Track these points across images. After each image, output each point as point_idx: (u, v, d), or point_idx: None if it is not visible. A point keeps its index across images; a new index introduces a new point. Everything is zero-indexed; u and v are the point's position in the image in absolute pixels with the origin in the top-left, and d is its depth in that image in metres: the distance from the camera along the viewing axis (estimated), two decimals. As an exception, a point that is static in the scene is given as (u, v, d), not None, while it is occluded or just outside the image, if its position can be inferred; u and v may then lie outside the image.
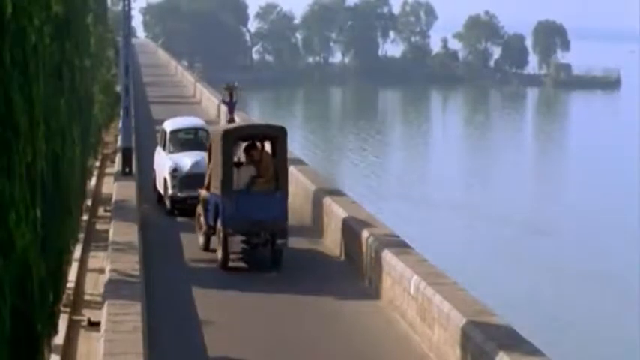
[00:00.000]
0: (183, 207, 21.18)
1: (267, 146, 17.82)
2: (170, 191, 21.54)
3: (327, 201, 19.48)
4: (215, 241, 17.44)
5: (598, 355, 28.11)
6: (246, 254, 17.23)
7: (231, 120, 31.09)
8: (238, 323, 14.36)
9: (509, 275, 36.06)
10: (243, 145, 17.96)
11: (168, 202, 21.70)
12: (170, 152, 22.32)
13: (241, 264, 17.33)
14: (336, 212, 18.64)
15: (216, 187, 17.14)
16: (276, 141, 17.35)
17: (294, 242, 18.35)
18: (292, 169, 23.39)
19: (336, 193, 20.58)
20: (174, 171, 21.52)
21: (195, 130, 23.26)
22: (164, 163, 22.14)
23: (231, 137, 17.07)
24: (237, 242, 16.83)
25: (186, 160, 21.71)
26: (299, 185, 22.14)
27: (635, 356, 27.53)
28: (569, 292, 34.32)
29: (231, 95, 32.20)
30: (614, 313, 31.75)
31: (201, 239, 18.25)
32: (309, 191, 21.16)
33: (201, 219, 18.15)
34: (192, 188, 19.98)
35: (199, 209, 18.23)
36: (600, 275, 36.11)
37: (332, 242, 18.73)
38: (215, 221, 17.22)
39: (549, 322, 29.62)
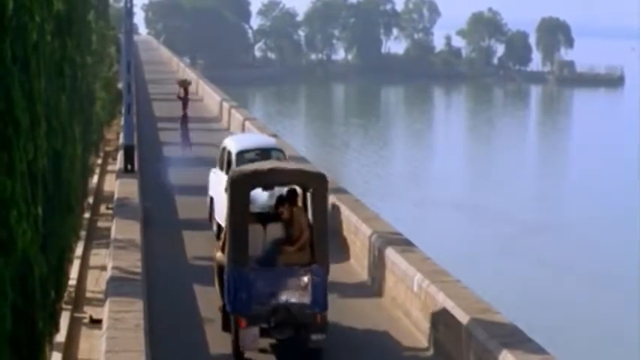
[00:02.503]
0: None
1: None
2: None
3: (331, 199, 19.43)
4: None
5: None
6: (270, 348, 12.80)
7: (184, 116, 30.83)
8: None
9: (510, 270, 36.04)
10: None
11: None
12: None
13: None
14: (338, 210, 18.61)
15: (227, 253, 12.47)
16: (313, 192, 12.45)
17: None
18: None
19: (339, 191, 20.53)
20: None
21: (267, 152, 18.45)
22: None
23: (245, 184, 12.26)
24: (252, 336, 12.09)
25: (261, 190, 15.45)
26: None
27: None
28: (567, 290, 34.34)
29: (186, 91, 32.04)
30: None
31: (220, 315, 13.54)
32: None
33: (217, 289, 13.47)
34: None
35: (215, 276, 13.56)
36: (599, 274, 36.08)
37: (334, 241, 18.68)
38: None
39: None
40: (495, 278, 32.99)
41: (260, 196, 15.26)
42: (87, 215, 24.17)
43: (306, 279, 12.11)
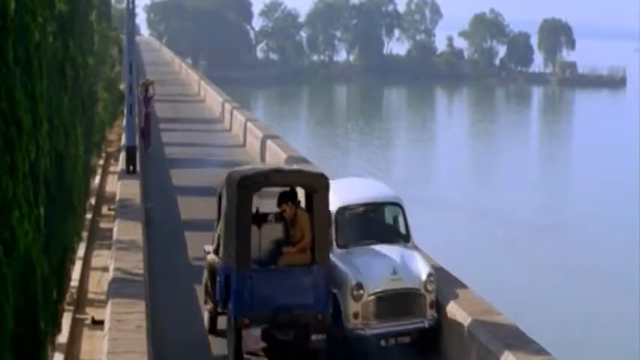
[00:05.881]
0: (372, 349, 12.76)
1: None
2: (347, 322, 12.66)
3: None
4: (225, 321, 12.85)
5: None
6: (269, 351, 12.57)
7: (147, 114, 30.78)
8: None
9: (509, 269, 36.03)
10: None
11: (341, 338, 12.79)
12: (340, 245, 13.06)
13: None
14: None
15: (228, 254, 12.29)
16: (314, 193, 12.34)
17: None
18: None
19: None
20: (358, 288, 12.55)
21: (380, 207, 13.80)
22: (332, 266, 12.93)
23: (249, 185, 12.08)
24: (255, 338, 11.98)
25: (378, 263, 12.78)
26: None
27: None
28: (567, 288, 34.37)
29: (146, 90, 32.07)
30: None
31: (206, 317, 13.80)
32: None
33: (208, 290, 13.53)
34: (392, 316, 12.61)
35: (206, 277, 13.54)
36: (597, 273, 36.11)
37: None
38: (226, 300, 12.40)
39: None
40: (502, 280, 33.00)
41: (376, 270, 12.71)
42: (89, 216, 24.20)
43: (307, 280, 12.04)
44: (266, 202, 12.87)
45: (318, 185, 12.33)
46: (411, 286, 12.55)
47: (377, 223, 13.52)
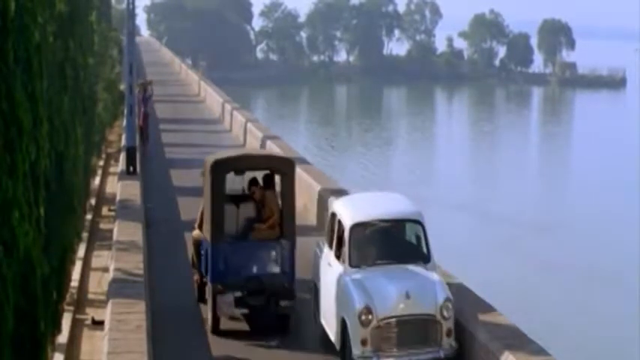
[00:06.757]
0: None
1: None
2: (355, 349, 11.60)
3: (332, 200, 19.43)
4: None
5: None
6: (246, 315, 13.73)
7: (144, 115, 31.14)
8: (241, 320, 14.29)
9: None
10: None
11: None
12: (352, 265, 12.16)
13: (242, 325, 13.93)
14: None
15: (207, 230, 13.80)
16: (282, 176, 13.79)
17: (299, 241, 18.25)
18: (297, 169, 23.35)
19: (340, 192, 20.52)
20: (367, 312, 11.54)
21: (400, 223, 12.73)
22: (339, 286, 12.19)
23: (222, 169, 13.57)
24: (228, 303, 13.26)
25: (390, 286, 11.71)
26: (303, 184, 22.08)
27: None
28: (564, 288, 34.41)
29: (145, 90, 32.32)
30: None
31: (196, 287, 14.95)
32: (314, 190, 21.12)
33: (194, 263, 14.97)
34: (404, 344, 11.61)
35: (192, 251, 15.04)
36: (595, 272, 36.14)
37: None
38: (207, 270, 13.88)
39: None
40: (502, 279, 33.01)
41: (386, 293, 11.67)
42: (89, 217, 24.19)
43: (275, 252, 13.44)
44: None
45: (285, 168, 13.82)
46: (425, 312, 11.56)
47: (394, 241, 12.55)
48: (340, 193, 20.28)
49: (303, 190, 21.75)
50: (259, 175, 14.45)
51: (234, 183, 14.47)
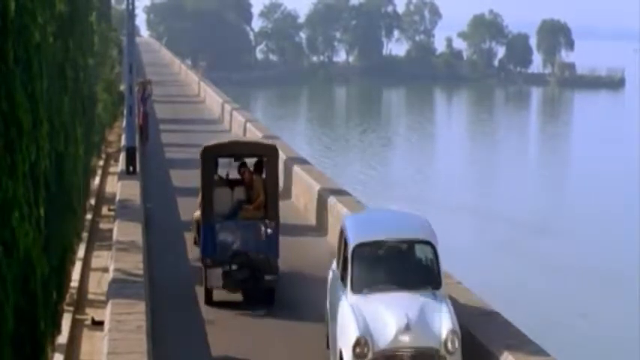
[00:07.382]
0: None
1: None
2: None
3: (332, 200, 19.44)
4: None
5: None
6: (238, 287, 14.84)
7: (144, 114, 31.33)
8: (242, 320, 14.30)
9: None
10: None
11: None
12: (354, 290, 11.10)
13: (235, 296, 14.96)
14: (340, 212, 18.58)
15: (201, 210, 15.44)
16: (266, 161, 15.25)
17: (299, 241, 18.26)
18: (297, 169, 23.38)
19: (340, 192, 20.52)
20: (363, 344, 10.47)
21: (409, 245, 11.64)
22: (340, 313, 11.16)
23: (211, 155, 15.19)
24: (216, 276, 14.51)
25: (389, 315, 10.61)
26: (303, 184, 22.09)
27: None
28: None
29: (144, 89, 32.56)
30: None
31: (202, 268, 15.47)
32: (314, 190, 21.12)
33: (196, 241, 16.58)
34: None
35: (194, 230, 16.67)
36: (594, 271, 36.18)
37: (336, 241, 18.66)
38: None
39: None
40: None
41: (384, 325, 10.54)
42: (89, 217, 24.19)
43: (260, 231, 14.72)
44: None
45: (269, 154, 15.16)
46: (427, 345, 10.43)
47: (401, 264, 11.42)
48: (340, 193, 20.30)
49: (303, 190, 21.77)
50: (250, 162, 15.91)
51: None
